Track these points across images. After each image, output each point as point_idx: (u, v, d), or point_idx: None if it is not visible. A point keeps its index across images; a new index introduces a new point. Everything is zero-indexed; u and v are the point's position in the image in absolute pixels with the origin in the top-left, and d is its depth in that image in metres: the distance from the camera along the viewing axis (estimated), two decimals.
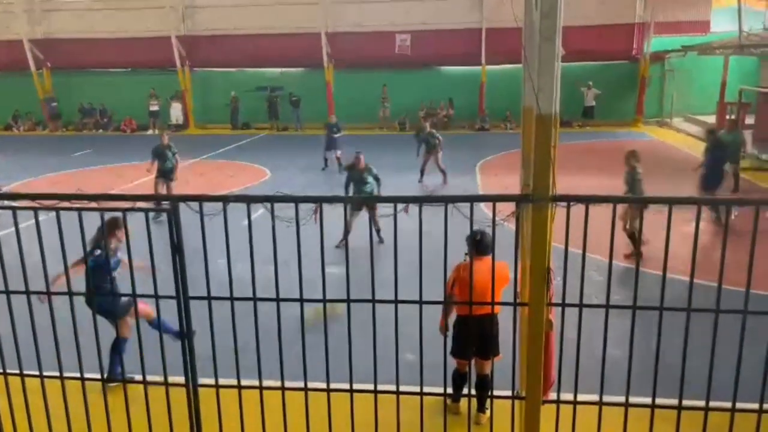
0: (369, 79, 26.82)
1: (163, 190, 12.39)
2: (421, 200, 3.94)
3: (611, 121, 25.69)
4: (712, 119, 23.16)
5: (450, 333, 4.81)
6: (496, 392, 4.15)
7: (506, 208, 3.91)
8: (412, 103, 26.23)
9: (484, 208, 4.74)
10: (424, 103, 26.41)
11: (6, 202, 3.92)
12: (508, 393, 4.31)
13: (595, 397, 4.03)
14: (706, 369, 3.73)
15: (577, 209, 3.71)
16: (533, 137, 3.83)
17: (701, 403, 3.81)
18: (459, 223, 3.96)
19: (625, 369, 3.89)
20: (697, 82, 25.16)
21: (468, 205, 3.90)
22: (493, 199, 3.95)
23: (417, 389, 4.07)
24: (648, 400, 3.92)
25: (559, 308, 3.96)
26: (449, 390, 4.69)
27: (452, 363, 4.97)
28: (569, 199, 3.73)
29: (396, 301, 3.90)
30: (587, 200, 3.71)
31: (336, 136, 17.38)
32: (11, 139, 26.60)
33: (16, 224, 3.80)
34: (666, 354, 3.86)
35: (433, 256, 3.88)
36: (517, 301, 4.13)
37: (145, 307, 5.31)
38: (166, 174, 12.52)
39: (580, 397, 4.00)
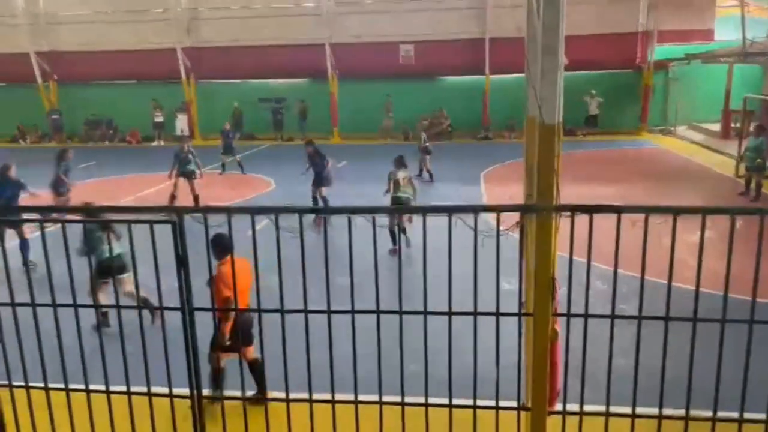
0: (372, 90, 26.94)
1: (185, 187, 13.73)
2: (424, 210, 3.95)
3: (615, 129, 25.69)
4: (716, 127, 23.15)
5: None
6: (501, 403, 4.13)
7: (510, 218, 3.90)
8: (416, 113, 26.29)
9: (488, 218, 4.73)
10: (425, 114, 26.46)
11: (13, 216, 3.94)
12: (514, 404, 4.29)
13: (601, 408, 4.00)
14: (714, 379, 3.70)
15: (582, 218, 3.71)
16: (537, 147, 3.84)
17: (709, 414, 3.79)
18: (462, 234, 3.96)
19: (631, 379, 3.87)
20: (701, 90, 25.16)
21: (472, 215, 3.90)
22: (497, 209, 3.95)
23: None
24: (655, 411, 3.89)
25: (564, 318, 3.94)
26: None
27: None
28: (573, 209, 3.73)
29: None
30: (591, 210, 3.71)
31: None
32: (17, 151, 26.74)
33: (22, 236, 3.82)
34: (673, 364, 3.84)
35: (438, 267, 3.88)
36: (522, 311, 4.11)
37: None
38: (187, 174, 13.86)
39: (587, 408, 3.98)
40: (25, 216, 3.97)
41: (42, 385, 4.12)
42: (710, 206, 3.74)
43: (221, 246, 5.28)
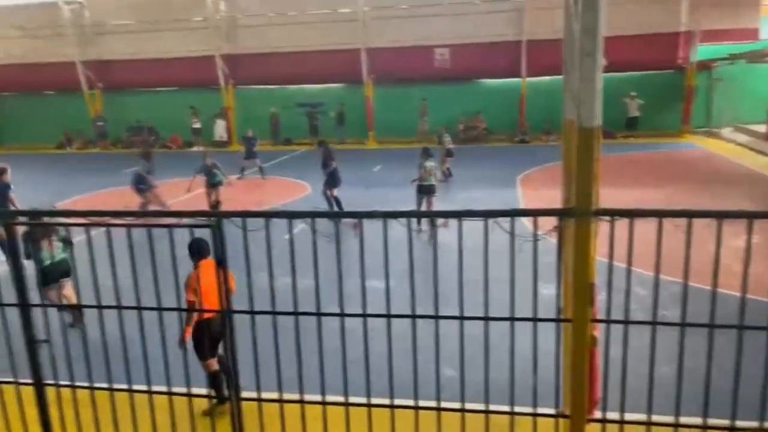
0: (408, 94, 27.01)
1: (213, 197, 14.37)
2: (460, 215, 3.92)
3: (656, 131, 25.13)
4: (763, 128, 22.41)
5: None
6: (539, 410, 4.07)
7: (548, 222, 3.86)
8: (451, 116, 26.21)
9: (525, 223, 4.68)
10: (461, 117, 26.40)
11: (61, 219, 4.07)
12: (552, 411, 4.22)
13: (642, 417, 3.91)
14: (760, 389, 3.58)
15: (622, 223, 3.64)
16: (575, 150, 3.78)
17: (755, 425, 3.66)
18: (498, 238, 3.93)
19: (674, 388, 3.77)
20: (746, 90, 24.38)
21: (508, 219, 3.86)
22: (535, 213, 3.90)
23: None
24: (699, 421, 3.78)
25: (604, 324, 3.87)
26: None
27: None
28: (613, 213, 3.66)
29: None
30: (631, 214, 3.63)
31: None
32: (64, 157, 27.68)
33: (69, 240, 3.94)
34: (718, 373, 3.72)
35: (473, 271, 3.86)
36: (560, 317, 4.05)
37: None
38: (214, 185, 14.44)
39: (627, 417, 3.89)
40: (70, 220, 4.08)
41: (87, 384, 4.24)
42: (757, 210, 3.61)
43: (195, 251, 5.33)
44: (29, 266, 4.33)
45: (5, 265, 4.21)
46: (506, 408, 4.08)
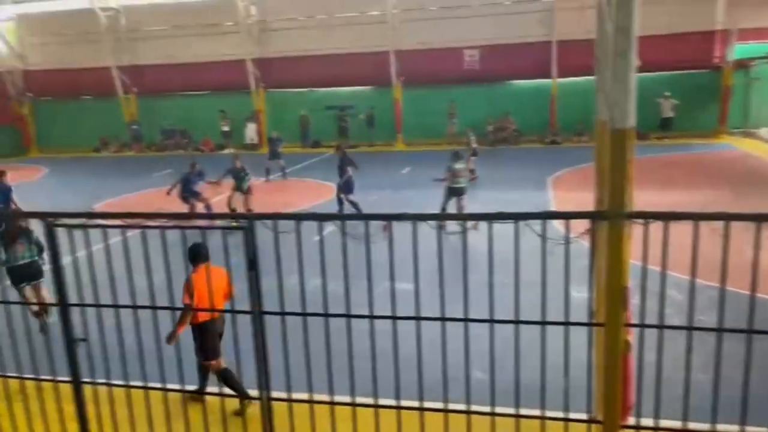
0: (436, 95, 26.95)
1: (239, 201, 14.18)
2: (490, 217, 3.90)
3: (691, 132, 24.58)
4: None
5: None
6: (571, 415, 4.02)
7: (580, 225, 3.81)
8: (480, 118, 26.08)
9: (557, 225, 4.63)
10: (491, 117, 26.27)
11: (98, 221, 4.17)
12: (584, 416, 4.17)
13: (677, 424, 3.83)
14: None
15: (657, 225, 3.57)
16: (608, 152, 3.73)
17: None
18: (529, 241, 3.89)
19: (710, 394, 3.69)
20: None
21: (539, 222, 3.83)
22: (567, 216, 3.86)
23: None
24: (736, 428, 3.69)
25: (638, 329, 3.81)
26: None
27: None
28: (647, 216, 3.59)
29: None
30: (666, 217, 3.56)
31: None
32: (100, 160, 28.35)
33: (106, 242, 4.05)
34: (757, 379, 3.63)
35: (504, 274, 3.83)
36: (592, 321, 4.00)
37: None
38: (241, 190, 14.39)
39: (662, 423, 3.82)
40: (107, 222, 4.18)
41: (123, 382, 4.34)
42: None
43: (192, 255, 5.42)
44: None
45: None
46: (537, 412, 4.04)
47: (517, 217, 3.75)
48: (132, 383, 4.33)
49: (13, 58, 30.80)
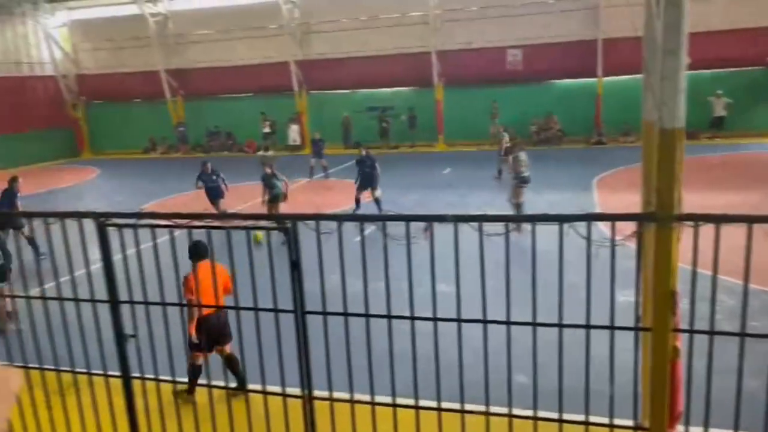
0: (478, 96, 26.73)
1: (275, 208, 13.35)
2: (534, 219, 3.86)
3: (744, 131, 23.69)
4: None
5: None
6: (616, 421, 3.94)
7: (627, 227, 3.73)
8: (523, 118, 25.76)
9: (602, 227, 4.54)
10: (534, 117, 25.93)
11: (147, 221, 4.30)
12: (630, 423, 4.08)
13: None
14: None
15: (708, 228, 3.46)
16: (656, 152, 3.64)
17: None
18: (573, 243, 3.83)
19: (763, 402, 3.55)
20: None
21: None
22: (613, 218, 3.78)
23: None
24: None
25: (687, 334, 3.70)
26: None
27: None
28: (697, 218, 3.49)
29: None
30: (717, 219, 3.45)
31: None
32: (149, 161, 29.19)
33: (154, 241, 4.17)
34: None
35: (547, 277, 3.77)
36: (639, 325, 3.91)
37: None
38: (275, 199, 13.35)
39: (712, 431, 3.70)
40: (151, 222, 4.30)
41: (170, 378, 4.46)
42: None
43: (192, 253, 5.56)
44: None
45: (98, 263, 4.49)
46: (581, 417, 3.97)
47: (561, 219, 3.69)
48: (178, 379, 4.43)
49: (68, 63, 31.99)
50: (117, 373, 4.64)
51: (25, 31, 30.52)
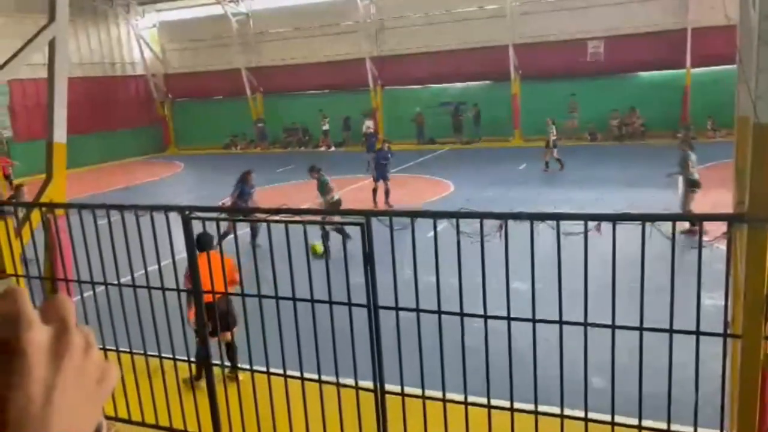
0: (557, 89, 25.99)
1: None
2: (614, 218, 3.72)
3: None
4: None
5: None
6: (701, 430, 3.75)
7: (716, 228, 3.53)
8: (603, 112, 24.84)
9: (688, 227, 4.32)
10: (616, 112, 24.96)
11: (226, 215, 4.48)
12: None
13: None
14: None
15: None
16: (750, 149, 3.43)
17: None
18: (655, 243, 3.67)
19: None
20: None
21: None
22: (700, 217, 3.60)
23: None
24: None
25: None
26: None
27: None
28: None
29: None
30: None
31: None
32: (230, 157, 30.27)
33: (235, 233, 4.33)
34: None
35: (629, 278, 3.64)
36: (728, 331, 3.70)
37: None
38: (334, 205, 12.23)
39: None
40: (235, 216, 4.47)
41: (248, 367, 4.63)
42: None
43: (196, 243, 5.49)
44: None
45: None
46: (662, 425, 3.81)
47: (644, 218, 3.55)
48: (273, 370, 4.57)
49: (156, 62, 33.66)
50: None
51: (118, 33, 32.32)
